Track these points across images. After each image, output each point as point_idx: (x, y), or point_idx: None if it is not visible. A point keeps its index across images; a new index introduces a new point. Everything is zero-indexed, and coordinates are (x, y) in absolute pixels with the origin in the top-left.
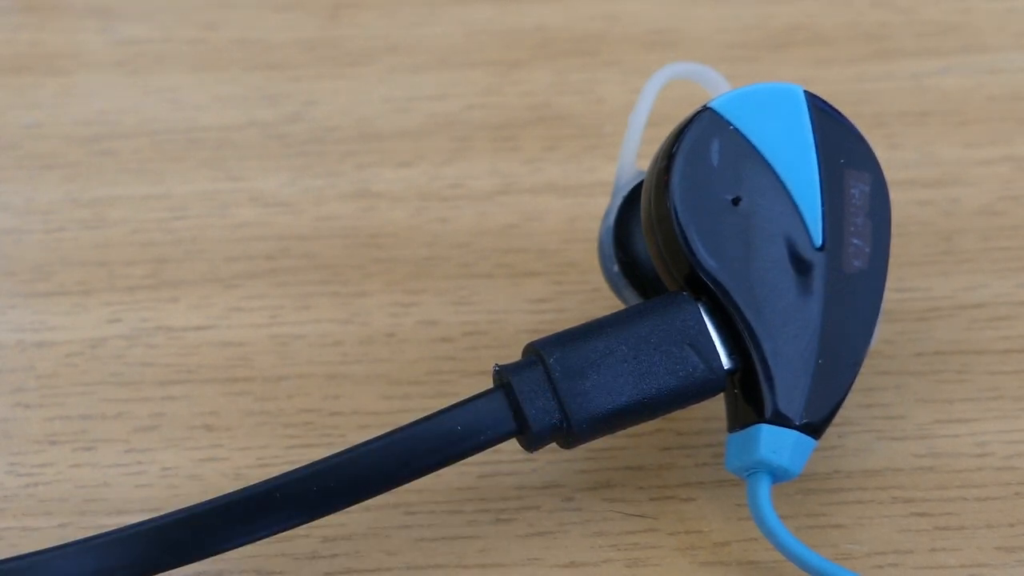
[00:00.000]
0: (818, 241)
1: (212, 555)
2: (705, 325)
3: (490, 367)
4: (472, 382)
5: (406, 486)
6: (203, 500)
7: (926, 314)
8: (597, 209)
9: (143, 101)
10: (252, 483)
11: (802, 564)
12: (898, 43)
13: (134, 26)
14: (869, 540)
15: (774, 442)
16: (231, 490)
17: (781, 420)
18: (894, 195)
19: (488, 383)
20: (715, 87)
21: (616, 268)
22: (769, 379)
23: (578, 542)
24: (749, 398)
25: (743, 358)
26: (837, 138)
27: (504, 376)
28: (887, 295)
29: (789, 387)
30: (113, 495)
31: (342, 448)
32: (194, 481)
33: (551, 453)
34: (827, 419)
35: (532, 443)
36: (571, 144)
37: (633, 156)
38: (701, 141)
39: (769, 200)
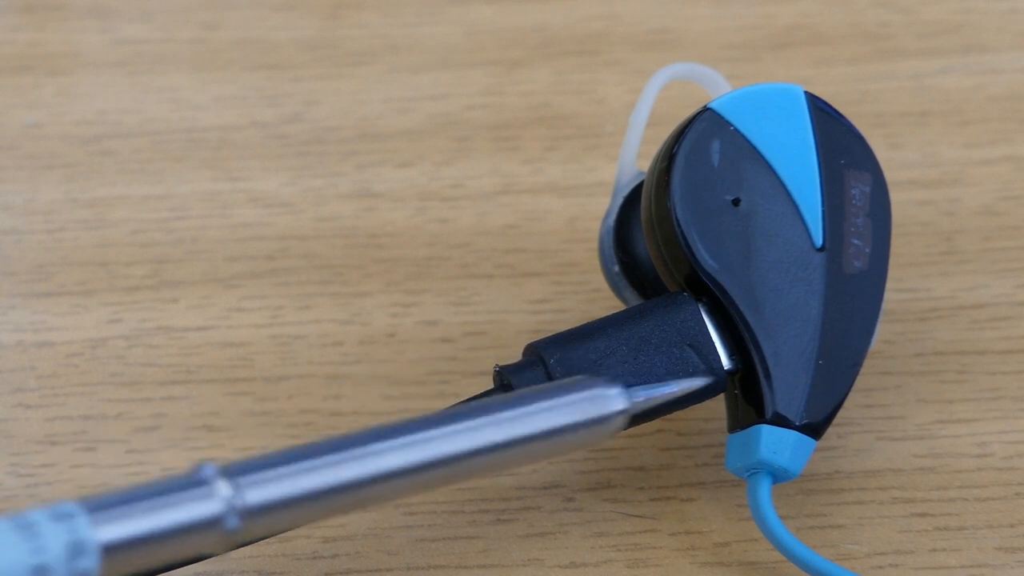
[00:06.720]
0: (818, 242)
1: None
2: (705, 326)
3: (490, 367)
4: (472, 382)
5: None
6: None
7: (926, 314)
8: (597, 209)
9: (143, 101)
10: None
11: (802, 564)
12: (899, 43)
13: (134, 26)
14: (869, 540)
15: (774, 442)
16: None
17: (781, 420)
18: (894, 195)
19: (489, 383)
20: (716, 87)
21: (616, 268)
22: (769, 379)
23: (579, 542)
24: (749, 398)
25: (743, 359)
26: (837, 138)
27: (505, 377)
28: (887, 295)
29: (789, 387)
30: None
31: None
32: None
33: None
34: (827, 419)
35: None
36: (571, 144)
37: (633, 156)
38: (701, 141)
39: (769, 201)
